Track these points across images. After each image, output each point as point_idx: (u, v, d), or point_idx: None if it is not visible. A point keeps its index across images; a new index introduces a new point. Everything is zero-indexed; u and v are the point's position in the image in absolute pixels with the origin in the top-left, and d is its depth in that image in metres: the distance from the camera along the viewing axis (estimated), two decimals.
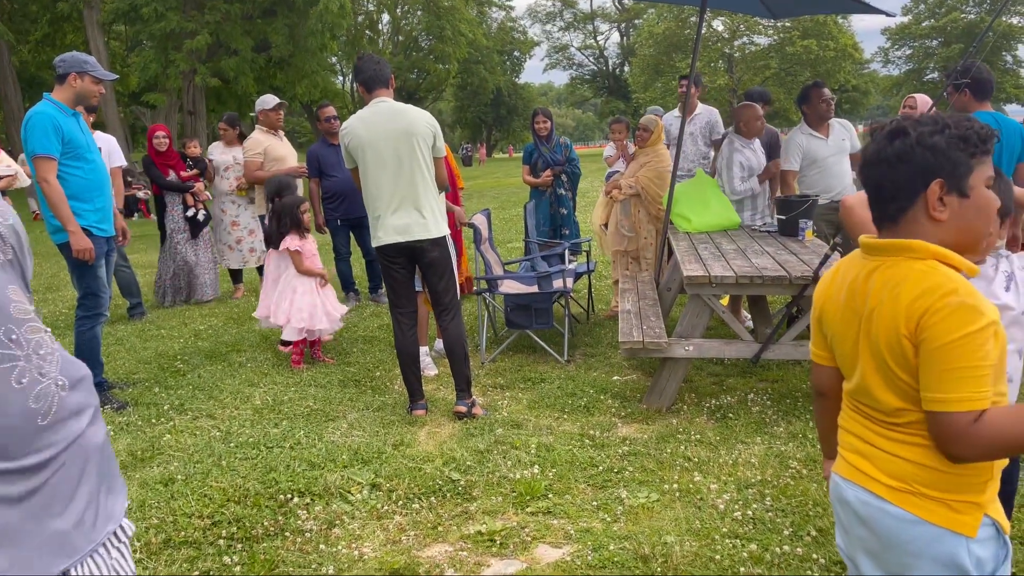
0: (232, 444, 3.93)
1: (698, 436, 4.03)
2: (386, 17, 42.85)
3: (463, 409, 4.30)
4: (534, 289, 5.41)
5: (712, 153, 6.77)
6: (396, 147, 4.08)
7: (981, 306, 1.40)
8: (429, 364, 5.23)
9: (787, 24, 48.11)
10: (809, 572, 2.73)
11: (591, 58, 63.82)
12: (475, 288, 5.66)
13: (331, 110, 6.71)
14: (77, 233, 4.19)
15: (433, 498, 3.45)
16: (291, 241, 5.25)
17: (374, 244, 4.22)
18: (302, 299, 5.19)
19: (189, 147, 7.18)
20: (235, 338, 6.16)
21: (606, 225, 6.04)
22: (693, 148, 6.66)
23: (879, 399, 1.53)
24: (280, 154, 6.52)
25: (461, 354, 4.31)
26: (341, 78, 45.30)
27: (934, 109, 5.27)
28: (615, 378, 5.04)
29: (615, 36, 64.73)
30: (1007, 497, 2.21)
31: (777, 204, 5.57)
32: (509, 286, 5.61)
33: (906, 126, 1.49)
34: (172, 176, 6.88)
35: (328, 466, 3.68)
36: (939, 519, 1.49)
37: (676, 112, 6.86)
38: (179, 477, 3.52)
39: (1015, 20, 59.90)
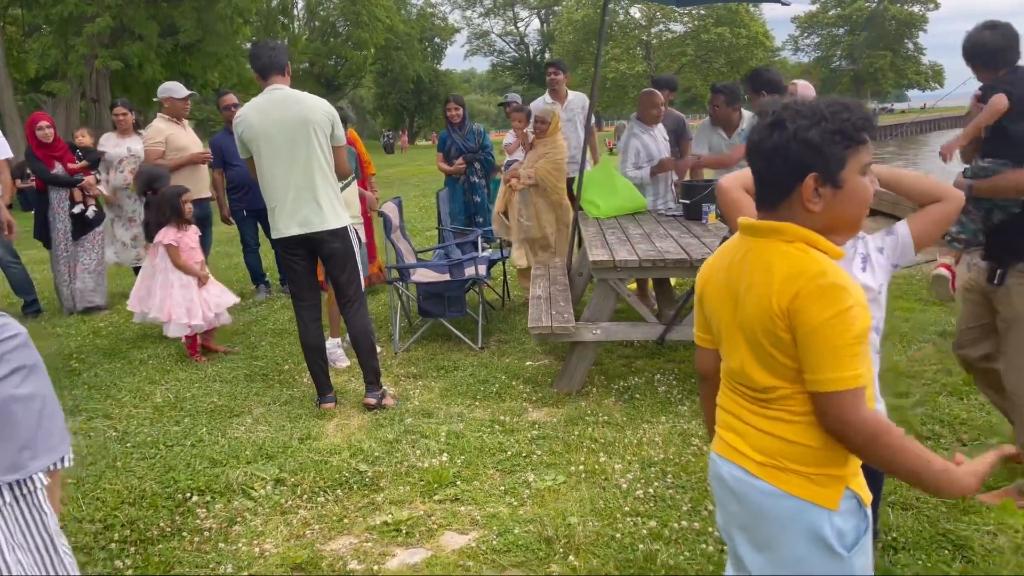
0: (129, 444, 3.79)
1: (606, 418, 4.09)
2: (301, 2, 41.79)
3: (372, 401, 4.26)
4: (446, 277, 5.39)
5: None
6: (291, 136, 3.98)
7: (849, 286, 1.46)
8: (340, 356, 5.16)
9: (702, 12, 49.14)
10: (704, 545, 2.81)
11: (512, 45, 63.86)
12: (387, 277, 5.61)
13: (231, 98, 6.50)
14: None
15: (339, 490, 3.41)
16: (166, 234, 5.09)
17: (273, 236, 4.13)
18: (179, 294, 5.05)
19: (78, 137, 6.75)
20: (137, 334, 5.94)
21: (505, 213, 6.06)
22: (574, 135, 6.73)
23: (752, 377, 1.58)
24: (183, 144, 6.29)
25: (368, 346, 4.26)
26: None
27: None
28: (528, 363, 5.08)
29: (535, 23, 64.95)
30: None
31: (681, 189, 5.70)
32: (421, 275, 5.57)
33: (784, 119, 1.51)
34: (58, 169, 6.39)
35: (230, 463, 3.60)
36: (802, 492, 1.54)
37: (547, 98, 6.93)
38: (69, 481, 3.38)
39: (916, 8, 62.57)
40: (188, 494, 3.29)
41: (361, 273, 4.26)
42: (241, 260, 7.39)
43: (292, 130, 3.98)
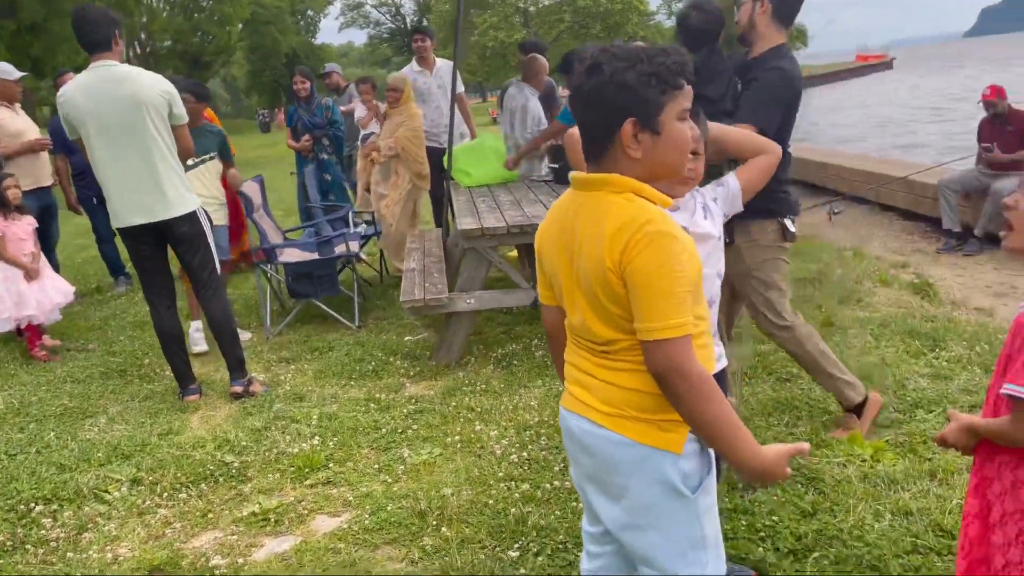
0: None
1: (483, 386, 4.07)
2: None
3: (239, 389, 4.08)
4: (315, 256, 5.21)
5: None
6: (123, 119, 3.70)
7: (676, 232, 1.45)
8: (199, 340, 4.93)
9: None
10: (575, 503, 2.82)
11: (388, 16, 62.54)
12: (253, 259, 5.37)
13: (69, 77, 6.02)
14: None
15: (203, 485, 3.24)
16: None
17: (114, 224, 3.86)
18: (1, 288, 4.72)
19: None
20: None
21: (368, 189, 5.91)
22: (447, 102, 6.61)
23: (593, 331, 1.56)
24: (17, 129, 5.79)
25: (228, 332, 4.07)
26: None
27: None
28: (407, 338, 4.99)
29: None
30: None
31: (551, 153, 5.70)
32: (289, 254, 5.36)
33: (601, 61, 1.48)
34: None
35: (81, 467, 3.36)
36: (648, 439, 1.54)
37: (415, 66, 6.76)
38: None
39: None
40: (32, 504, 3.05)
41: (216, 256, 4.04)
42: (97, 252, 6.92)
43: (123, 112, 3.70)
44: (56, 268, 6.31)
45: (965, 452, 1.76)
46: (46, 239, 6.16)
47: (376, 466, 3.34)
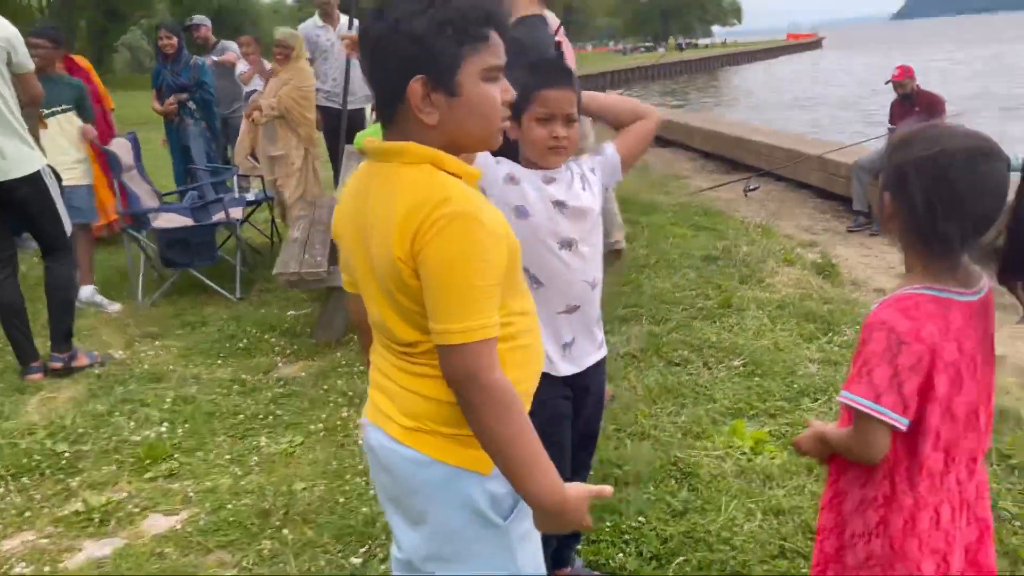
0: None
1: (361, 367, 3.79)
2: None
3: (58, 365, 3.76)
4: (189, 222, 4.82)
5: None
6: None
7: (480, 214, 1.19)
8: (104, 302, 4.78)
9: None
10: None
11: None
12: (121, 224, 4.94)
13: None
14: None
15: (26, 478, 2.90)
16: None
17: None
18: None
19: None
20: None
21: (255, 156, 5.49)
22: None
23: (392, 330, 1.30)
24: None
25: (61, 300, 3.75)
26: None
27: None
28: (290, 313, 4.67)
29: None
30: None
31: None
32: (165, 220, 4.95)
33: (386, 3, 1.21)
34: None
35: None
36: (451, 457, 1.30)
37: (318, 21, 6.24)
38: None
39: None
40: None
41: (64, 219, 3.64)
42: None
43: None
44: None
45: (821, 461, 1.58)
46: None
47: (228, 456, 3.04)
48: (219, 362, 3.97)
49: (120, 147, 4.87)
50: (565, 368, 1.89)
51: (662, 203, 7.27)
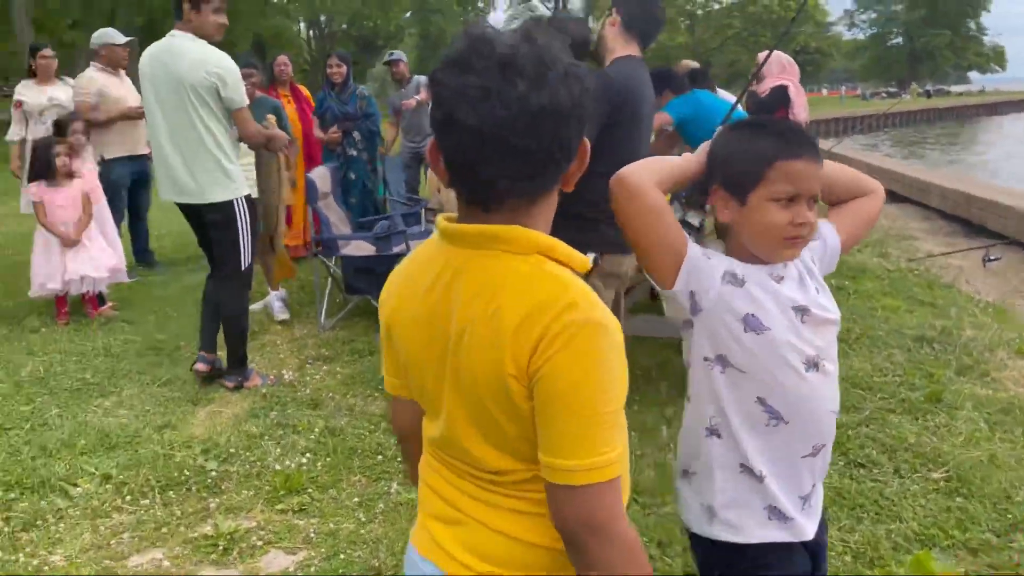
0: None
1: None
2: None
3: (231, 384, 3.96)
4: (373, 251, 4.95)
5: None
6: (166, 96, 3.62)
7: (607, 320, 1.00)
8: (281, 308, 5.10)
9: None
10: None
11: (552, 9, 62.67)
12: (312, 249, 5.18)
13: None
14: None
15: (172, 492, 3.01)
16: (31, 190, 4.87)
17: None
18: (40, 254, 4.86)
19: None
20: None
21: (440, 189, 5.52)
22: None
23: (474, 454, 1.09)
24: (118, 95, 5.88)
25: (233, 329, 3.96)
26: (302, 25, 43.74)
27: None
28: None
29: None
30: None
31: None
32: (354, 247, 5.12)
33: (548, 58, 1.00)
34: None
35: (60, 453, 3.21)
36: None
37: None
38: None
39: None
40: None
41: (243, 252, 3.82)
42: None
43: (167, 89, 3.61)
44: (144, 236, 6.45)
45: None
46: (136, 207, 6.29)
47: (357, 499, 2.99)
48: (375, 394, 3.97)
49: (319, 176, 5.12)
50: (809, 528, 1.49)
51: (875, 267, 6.51)
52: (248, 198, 3.81)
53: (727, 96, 5.02)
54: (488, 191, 1.03)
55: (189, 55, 3.60)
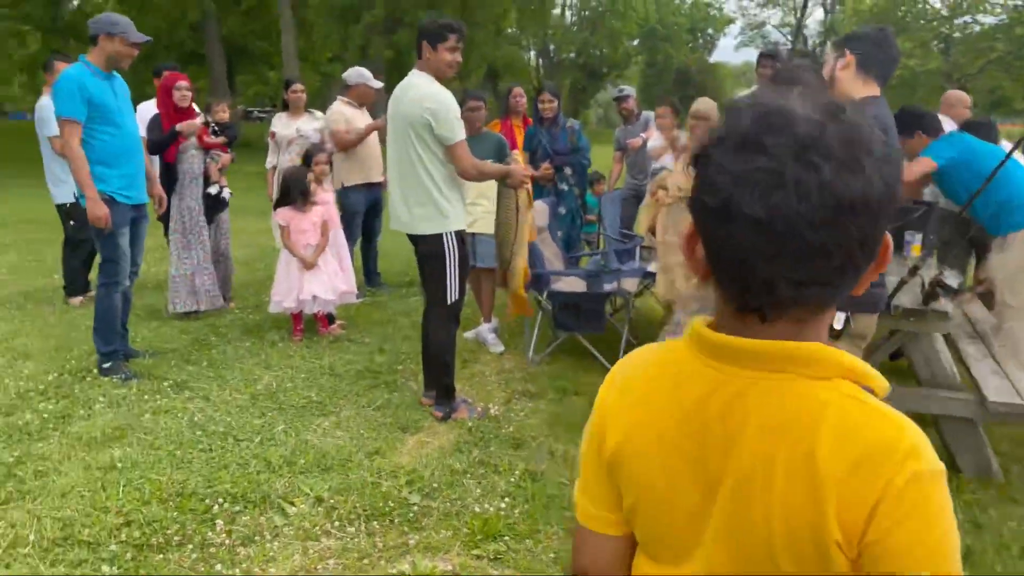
0: (200, 432, 3.74)
1: None
2: None
3: (439, 414, 4.06)
4: (583, 287, 4.85)
5: None
6: (395, 130, 3.84)
7: (939, 463, 0.82)
8: (494, 340, 5.22)
9: (1019, 2, 42.42)
10: None
11: (788, 36, 59.96)
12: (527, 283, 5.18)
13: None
14: (94, 199, 4.15)
15: (376, 522, 3.07)
16: (279, 214, 5.24)
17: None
18: (282, 272, 5.22)
19: (216, 111, 5.95)
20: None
21: (653, 231, 5.25)
22: None
23: None
24: (360, 127, 6.30)
25: (436, 361, 4.06)
26: (532, 53, 45.49)
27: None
28: None
29: (818, 13, 60.44)
30: None
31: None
32: (565, 283, 5.07)
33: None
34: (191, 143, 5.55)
35: (283, 470, 3.39)
36: None
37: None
38: (120, 465, 3.36)
39: None
40: (221, 500, 3.12)
41: (450, 285, 3.87)
42: None
43: (396, 123, 3.84)
44: (373, 258, 6.83)
45: None
46: (368, 231, 6.69)
47: (553, 555, 2.87)
48: (577, 439, 3.85)
49: (539, 211, 5.12)
50: None
51: None
52: (460, 233, 3.87)
53: (1007, 146, 4.33)
54: (768, 296, 0.84)
55: (412, 92, 3.75)
